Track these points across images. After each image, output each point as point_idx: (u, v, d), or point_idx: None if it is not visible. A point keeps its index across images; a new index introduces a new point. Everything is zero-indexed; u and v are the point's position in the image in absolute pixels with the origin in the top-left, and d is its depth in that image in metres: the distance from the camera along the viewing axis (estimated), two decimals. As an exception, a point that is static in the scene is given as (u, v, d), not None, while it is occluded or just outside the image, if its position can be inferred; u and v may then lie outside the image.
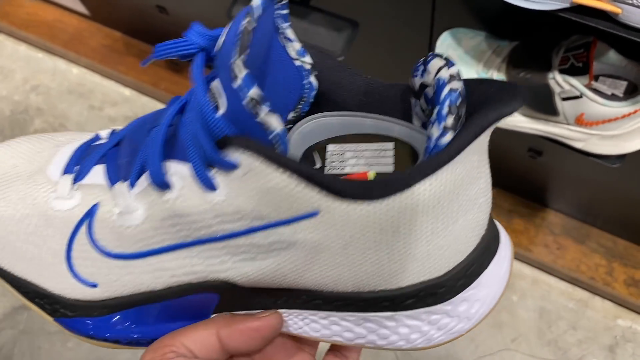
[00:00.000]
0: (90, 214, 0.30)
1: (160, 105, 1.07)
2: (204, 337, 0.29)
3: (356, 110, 0.32)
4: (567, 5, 0.50)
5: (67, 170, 0.32)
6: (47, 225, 0.31)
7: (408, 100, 0.32)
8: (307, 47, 0.31)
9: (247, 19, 0.25)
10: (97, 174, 0.31)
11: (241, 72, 0.24)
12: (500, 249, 0.31)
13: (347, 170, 0.31)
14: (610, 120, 0.61)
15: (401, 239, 0.27)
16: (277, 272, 0.29)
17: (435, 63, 0.28)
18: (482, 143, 0.27)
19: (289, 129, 0.32)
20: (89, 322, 0.32)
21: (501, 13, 0.67)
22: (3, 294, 0.95)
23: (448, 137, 0.25)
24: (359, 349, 0.34)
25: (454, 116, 0.25)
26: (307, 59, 0.31)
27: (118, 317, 0.32)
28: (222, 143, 0.26)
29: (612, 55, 0.61)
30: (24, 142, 0.36)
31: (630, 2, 0.47)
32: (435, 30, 0.67)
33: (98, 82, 1.12)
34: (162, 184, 0.28)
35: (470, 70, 0.67)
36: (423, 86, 0.29)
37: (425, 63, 0.29)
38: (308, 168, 0.25)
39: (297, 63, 0.30)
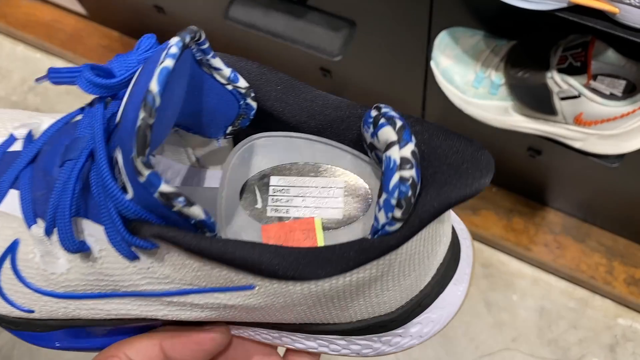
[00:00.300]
0: (12, 250, 0.28)
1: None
2: (147, 348, 0.29)
3: (306, 131, 0.30)
4: (564, 5, 0.49)
5: None
6: None
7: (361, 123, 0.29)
8: (249, 65, 0.29)
9: (144, 114, 0.22)
10: (13, 201, 0.28)
11: (145, 171, 0.22)
12: (459, 267, 0.30)
13: (291, 213, 0.29)
14: (608, 120, 0.60)
15: (345, 302, 0.26)
16: (215, 318, 0.29)
17: (386, 133, 0.25)
18: (436, 220, 0.25)
19: (235, 142, 0.31)
20: (34, 335, 0.31)
21: (499, 12, 0.67)
22: (2, 296, 0.95)
23: (396, 227, 0.24)
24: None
25: (402, 209, 0.23)
26: (241, 83, 0.28)
27: (61, 333, 0.31)
28: (135, 230, 0.24)
29: (611, 54, 0.61)
30: None
31: (628, 1, 0.47)
32: (433, 30, 0.67)
33: (96, 82, 1.11)
34: (74, 248, 0.25)
35: (469, 70, 0.66)
36: (371, 146, 0.27)
37: (376, 126, 0.25)
38: (237, 251, 0.24)
39: (230, 87, 0.28)
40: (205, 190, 0.32)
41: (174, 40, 0.24)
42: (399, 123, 0.24)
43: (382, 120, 0.25)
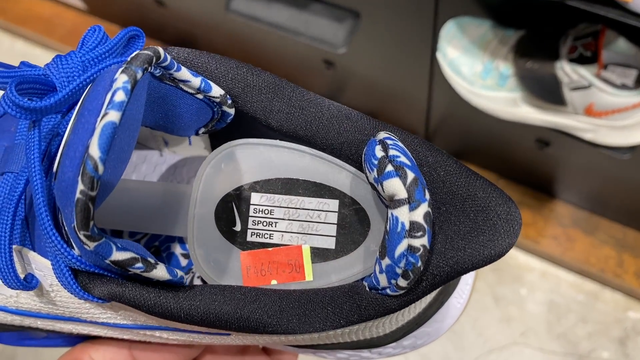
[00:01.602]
0: None
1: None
2: (115, 354, 0.27)
3: (295, 141, 0.25)
4: (575, -7, 0.48)
5: None
6: None
7: (363, 136, 0.24)
8: (227, 67, 0.25)
9: (82, 187, 0.18)
10: None
11: (91, 244, 0.20)
12: (461, 281, 0.27)
13: (275, 239, 0.25)
14: (620, 110, 0.59)
15: (333, 338, 0.26)
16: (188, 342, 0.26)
17: (393, 187, 0.20)
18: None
19: (212, 142, 0.29)
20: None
21: (507, 1, 0.66)
22: (5, 294, 0.95)
23: (398, 293, 0.21)
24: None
25: (408, 280, 0.20)
26: (214, 92, 0.24)
27: (17, 335, 0.29)
28: (86, 285, 0.22)
29: (622, 44, 0.60)
30: None
31: (642, -12, 0.45)
32: (440, 20, 0.66)
33: (97, 77, 1.10)
34: (16, 285, 0.22)
35: (476, 61, 0.65)
36: (375, 187, 0.23)
37: (380, 174, 0.21)
38: (210, 309, 0.21)
39: (200, 97, 0.25)
40: (185, 188, 0.28)
41: (121, 80, 0.19)
42: (410, 176, 0.20)
43: (390, 168, 0.21)
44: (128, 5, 1.02)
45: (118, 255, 0.20)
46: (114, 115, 0.18)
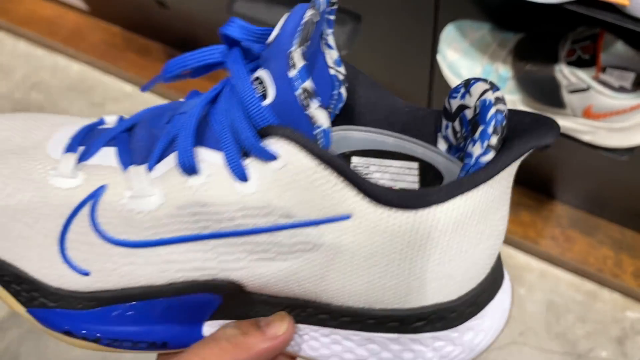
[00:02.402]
0: (95, 195, 0.28)
1: (161, 101, 1.06)
2: None
3: (378, 128, 0.32)
4: (574, -3, 0.49)
5: (69, 149, 0.29)
6: (43, 202, 0.28)
7: (433, 124, 0.31)
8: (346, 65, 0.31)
9: (312, 12, 0.25)
10: (106, 155, 0.29)
11: (299, 62, 0.24)
12: (504, 283, 0.31)
13: None
14: (618, 113, 0.60)
15: (427, 253, 0.26)
16: (292, 277, 0.27)
17: (480, 86, 0.27)
18: (512, 171, 0.26)
19: None
20: (69, 315, 0.29)
21: (506, 5, 0.66)
22: (8, 294, 0.95)
23: (490, 156, 0.26)
24: None
25: (498, 136, 0.26)
26: (342, 69, 0.30)
27: (104, 312, 0.29)
28: (264, 133, 0.25)
29: (620, 47, 0.60)
30: (18, 117, 0.33)
31: (639, -6, 0.46)
32: (440, 23, 0.66)
33: (99, 78, 1.11)
34: (189, 168, 0.26)
35: (476, 63, 0.66)
36: (461, 108, 0.29)
37: (467, 86, 0.28)
38: (350, 171, 0.24)
39: (332, 72, 0.29)
40: None
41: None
42: (487, 80, 0.27)
43: (473, 80, 0.28)
44: (130, 7, 1.03)
45: (309, 84, 0.24)
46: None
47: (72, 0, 1.10)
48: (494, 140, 0.25)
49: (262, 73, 0.25)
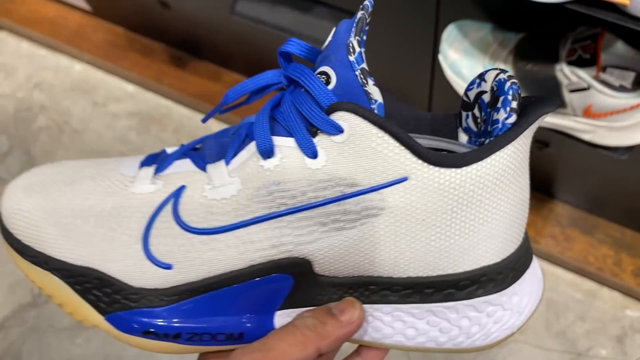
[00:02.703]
0: (176, 194, 0.31)
1: (163, 101, 1.07)
2: (307, 357, 0.30)
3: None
4: (574, -3, 0.49)
5: (144, 165, 0.33)
6: (125, 206, 0.32)
7: (453, 123, 0.35)
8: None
9: (362, 12, 0.30)
10: (181, 164, 0.32)
11: (357, 48, 0.29)
12: (534, 257, 0.34)
13: None
14: (618, 112, 0.60)
15: (473, 211, 0.30)
16: (359, 246, 0.30)
17: (492, 72, 0.32)
18: (530, 137, 0.31)
19: None
20: (150, 312, 0.31)
21: (507, 5, 0.67)
22: (11, 292, 0.96)
23: (513, 118, 0.30)
24: (381, 355, 0.35)
25: (517, 101, 0.30)
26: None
27: (185, 306, 0.32)
28: (330, 111, 0.29)
29: (620, 46, 0.61)
30: (85, 161, 0.36)
31: (640, -7, 0.47)
32: (441, 23, 0.67)
33: (101, 78, 1.11)
34: (267, 151, 0.30)
35: (477, 63, 0.66)
36: (479, 95, 0.33)
37: (481, 76, 0.32)
38: (405, 134, 0.28)
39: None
40: None
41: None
42: (497, 68, 0.32)
43: (485, 71, 0.32)
44: (132, 7, 1.04)
45: (364, 66, 0.29)
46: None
47: (75, 1, 1.10)
48: (514, 104, 0.30)
49: (323, 68, 0.30)
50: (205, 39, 1.00)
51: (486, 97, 0.32)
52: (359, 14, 0.30)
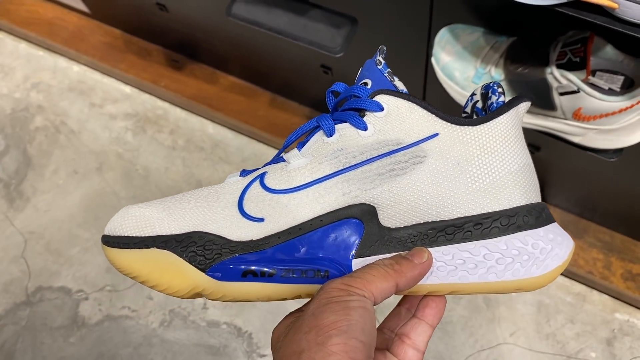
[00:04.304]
0: (261, 176, 0.40)
1: (160, 102, 1.07)
2: (388, 288, 0.36)
3: None
4: (564, 0, 0.50)
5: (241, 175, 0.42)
6: (218, 189, 0.40)
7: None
8: None
9: (379, 56, 0.40)
10: (263, 169, 0.41)
11: (382, 62, 0.40)
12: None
13: None
14: (607, 115, 0.61)
15: (492, 155, 0.38)
16: (413, 187, 0.39)
17: (478, 87, 0.41)
18: (520, 118, 0.40)
19: None
20: (248, 256, 0.38)
21: (499, 9, 0.68)
22: (5, 290, 0.96)
23: (503, 98, 0.39)
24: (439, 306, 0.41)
25: (501, 89, 0.40)
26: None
27: (278, 249, 0.39)
28: (372, 95, 0.39)
29: (609, 50, 0.62)
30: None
31: (627, -4, 0.48)
32: (434, 27, 0.68)
33: (98, 79, 1.12)
34: (329, 131, 0.40)
35: (469, 66, 0.67)
36: (473, 105, 0.42)
37: (471, 94, 0.42)
38: (429, 104, 0.38)
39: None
40: None
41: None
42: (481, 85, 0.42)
43: (473, 92, 0.42)
44: (130, 9, 1.04)
45: (389, 70, 0.41)
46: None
47: (73, 3, 1.11)
48: (500, 89, 0.40)
49: (362, 80, 0.40)
50: (201, 41, 1.00)
51: (479, 104, 0.42)
52: (377, 54, 0.41)
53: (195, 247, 0.38)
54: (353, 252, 0.39)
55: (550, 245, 0.39)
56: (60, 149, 1.06)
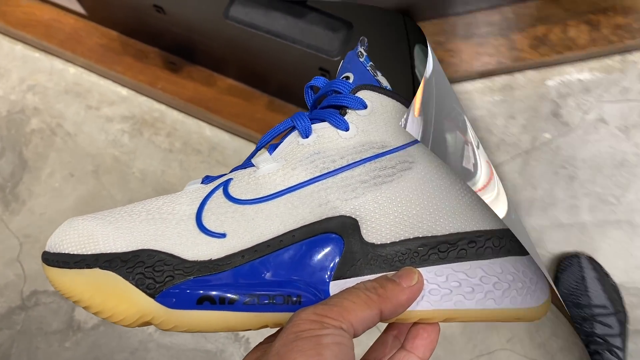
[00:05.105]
0: (225, 183, 0.34)
1: (157, 105, 1.07)
2: (370, 317, 0.30)
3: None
4: None
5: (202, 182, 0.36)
6: (175, 198, 0.34)
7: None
8: None
9: (360, 47, 0.38)
10: (228, 175, 0.35)
11: (363, 54, 0.37)
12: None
13: None
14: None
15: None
16: (400, 197, 0.33)
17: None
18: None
19: None
20: (204, 280, 0.32)
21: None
22: (0, 295, 0.95)
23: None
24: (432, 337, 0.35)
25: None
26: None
27: (240, 270, 0.32)
28: (354, 90, 0.35)
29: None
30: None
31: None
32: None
33: (95, 81, 1.12)
34: (305, 131, 0.34)
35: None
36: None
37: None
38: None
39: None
40: None
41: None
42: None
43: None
44: (127, 11, 1.04)
45: (372, 64, 0.38)
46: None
47: (70, 4, 1.11)
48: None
49: (344, 74, 0.37)
50: (199, 44, 1.00)
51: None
52: (360, 38, 0.38)
53: (144, 268, 0.32)
54: (330, 273, 0.32)
55: (536, 277, 0.34)
56: (56, 151, 1.06)
